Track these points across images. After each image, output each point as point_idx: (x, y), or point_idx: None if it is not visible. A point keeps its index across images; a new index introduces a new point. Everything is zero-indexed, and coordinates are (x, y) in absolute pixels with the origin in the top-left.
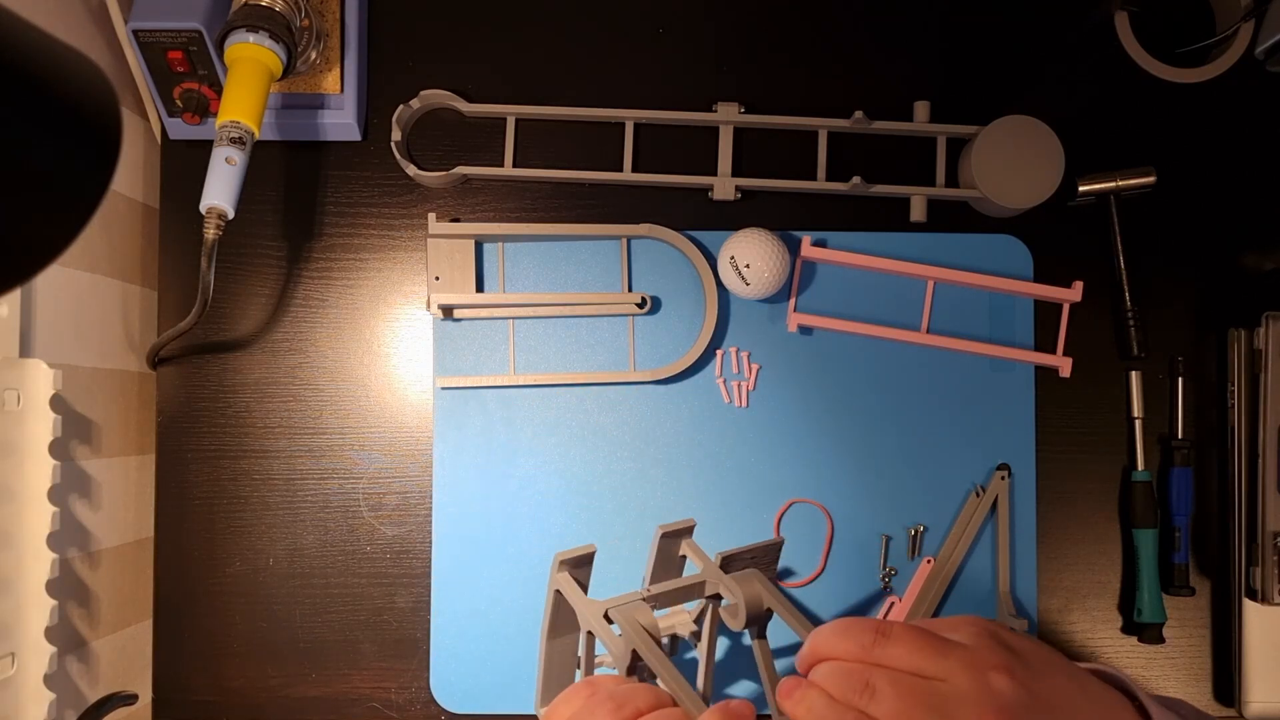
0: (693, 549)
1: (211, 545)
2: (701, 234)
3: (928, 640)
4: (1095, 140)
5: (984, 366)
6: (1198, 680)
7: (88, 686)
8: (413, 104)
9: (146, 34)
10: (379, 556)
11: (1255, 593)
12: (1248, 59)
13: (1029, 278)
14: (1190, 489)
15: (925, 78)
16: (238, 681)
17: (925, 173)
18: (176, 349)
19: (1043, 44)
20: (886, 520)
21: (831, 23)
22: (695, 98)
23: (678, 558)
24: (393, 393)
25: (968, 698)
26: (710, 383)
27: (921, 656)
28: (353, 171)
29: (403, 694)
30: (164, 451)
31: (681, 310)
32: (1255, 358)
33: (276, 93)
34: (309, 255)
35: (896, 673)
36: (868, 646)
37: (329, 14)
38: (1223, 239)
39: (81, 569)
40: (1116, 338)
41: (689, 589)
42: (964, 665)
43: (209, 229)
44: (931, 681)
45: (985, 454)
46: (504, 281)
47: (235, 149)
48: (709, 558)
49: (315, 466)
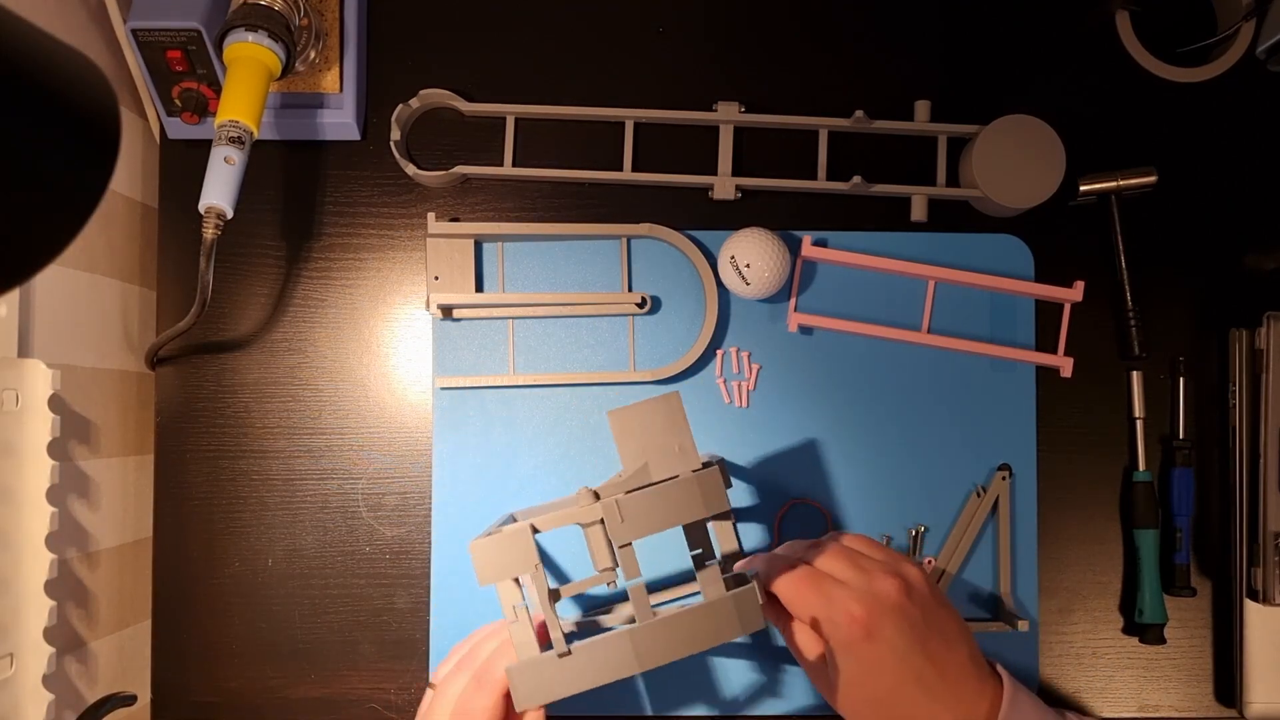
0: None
1: (210, 546)
2: (701, 234)
3: (847, 553)
4: (1096, 140)
5: (985, 366)
6: (1199, 681)
7: (86, 687)
8: (412, 103)
9: (145, 33)
10: (378, 557)
11: (1256, 593)
12: (1249, 59)
13: (1030, 277)
14: (1191, 489)
15: (926, 77)
16: (237, 682)
17: (926, 172)
18: (175, 349)
19: (1043, 44)
20: (887, 520)
21: (832, 22)
22: (695, 97)
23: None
24: (392, 393)
25: (851, 584)
26: (710, 383)
27: (834, 558)
28: (352, 171)
29: (402, 695)
30: (163, 452)
31: (681, 310)
32: (1256, 358)
33: (275, 92)
34: (308, 255)
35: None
36: (800, 549)
37: (328, 13)
38: (1224, 239)
39: (80, 569)
40: (1118, 338)
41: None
42: (861, 569)
43: (208, 228)
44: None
45: (986, 454)
46: (503, 281)
47: (234, 148)
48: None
49: (314, 467)
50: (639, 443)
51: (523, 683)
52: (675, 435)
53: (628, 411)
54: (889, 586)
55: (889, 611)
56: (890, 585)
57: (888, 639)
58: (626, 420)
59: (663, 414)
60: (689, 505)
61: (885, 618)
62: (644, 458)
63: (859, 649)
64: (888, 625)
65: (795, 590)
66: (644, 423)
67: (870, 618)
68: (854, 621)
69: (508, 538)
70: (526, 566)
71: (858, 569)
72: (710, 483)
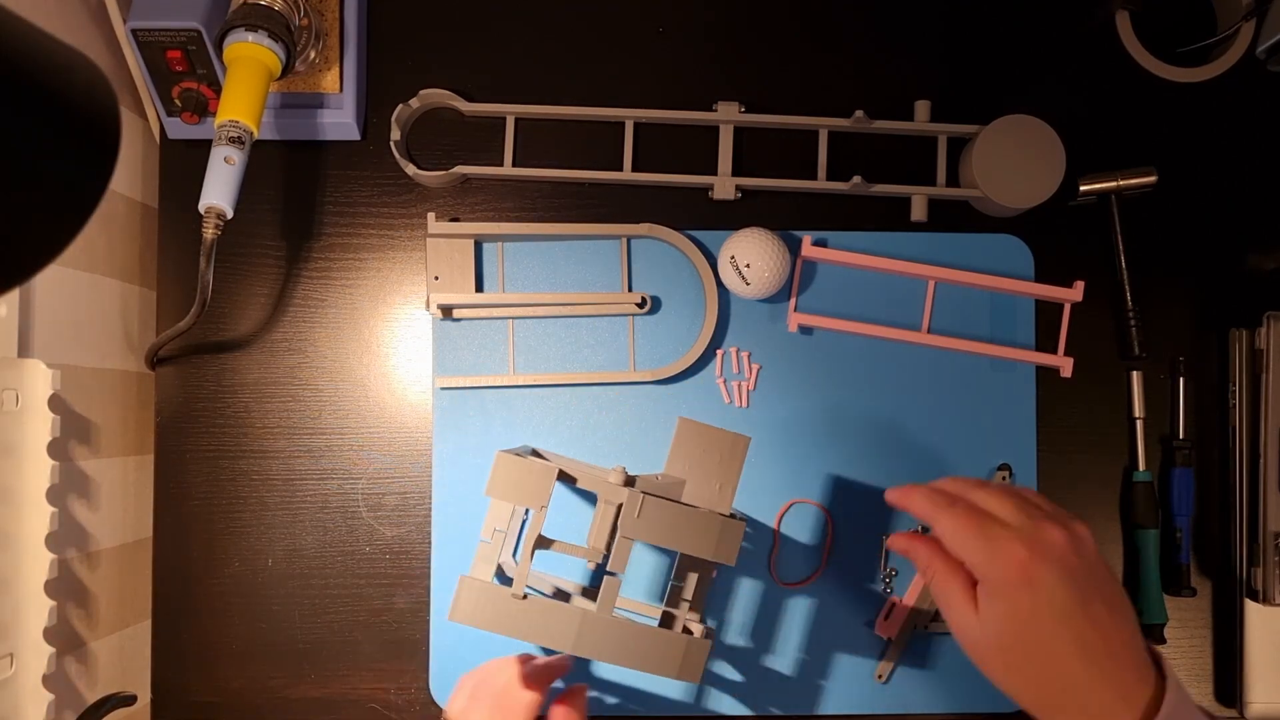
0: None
1: (210, 546)
2: (701, 234)
3: (1015, 497)
4: (1096, 140)
5: (985, 366)
6: (1199, 680)
7: (86, 687)
8: (412, 103)
9: (145, 33)
10: (378, 557)
11: (1256, 593)
12: (1249, 59)
13: (1030, 277)
14: (1191, 489)
15: (926, 77)
16: (237, 682)
17: (926, 172)
18: (175, 349)
19: (1043, 44)
20: (887, 520)
21: (832, 22)
22: (695, 97)
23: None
24: (392, 393)
25: (1016, 527)
26: (710, 383)
27: (1001, 500)
28: (352, 171)
29: (402, 695)
30: (163, 452)
31: (681, 310)
32: (1256, 358)
33: (275, 92)
34: (308, 255)
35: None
36: (962, 484)
37: (328, 13)
38: (1224, 239)
39: (80, 569)
40: (1118, 337)
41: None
42: (1029, 515)
43: (208, 228)
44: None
45: (986, 454)
46: (503, 281)
47: (234, 148)
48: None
49: (314, 467)
50: (690, 460)
51: (468, 599)
52: (723, 475)
53: (697, 428)
54: (1056, 536)
55: (1053, 561)
56: (1058, 535)
57: (1048, 590)
58: (692, 434)
59: (726, 449)
60: (703, 541)
61: (1048, 567)
62: (686, 476)
63: (1016, 595)
64: (1050, 575)
65: (956, 526)
66: (705, 446)
67: (1032, 563)
68: (1015, 565)
69: (534, 467)
70: (536, 502)
71: (1025, 514)
72: (731, 534)
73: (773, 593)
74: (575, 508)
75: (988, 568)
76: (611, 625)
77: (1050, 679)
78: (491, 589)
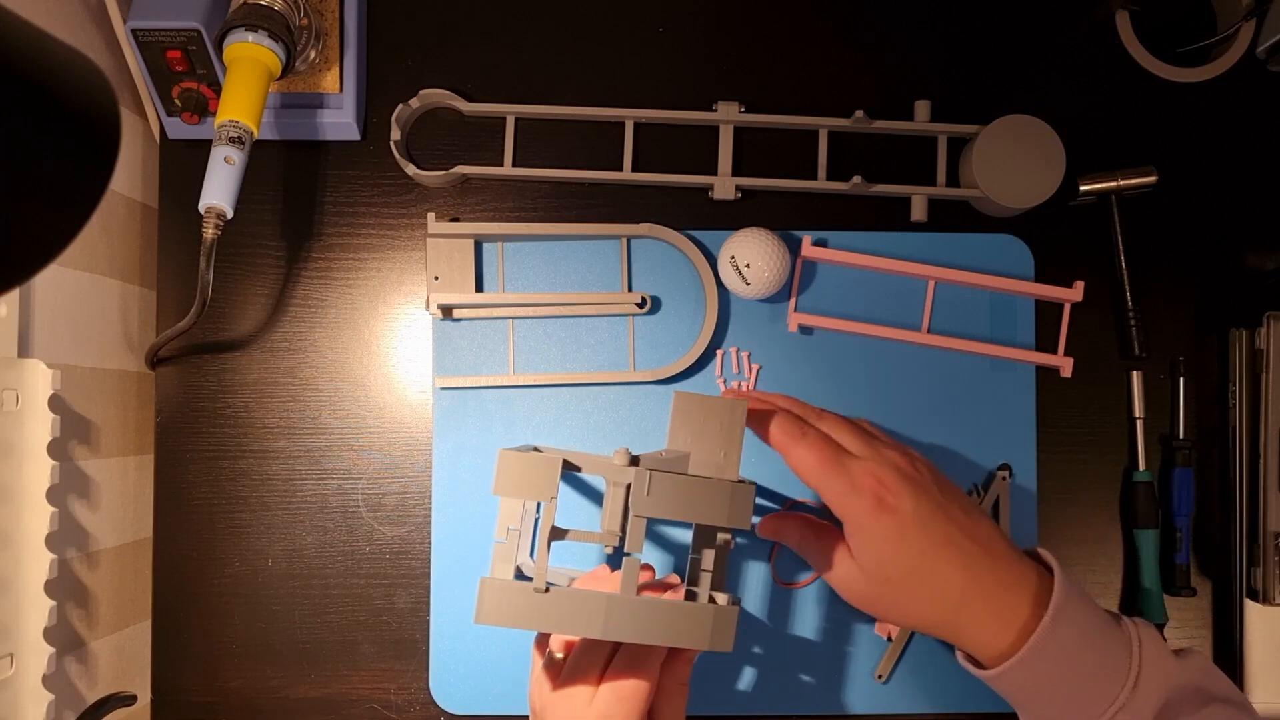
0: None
1: (210, 546)
2: (701, 234)
3: (853, 426)
4: (1096, 140)
5: (984, 366)
6: None
7: (86, 687)
8: (412, 103)
9: (145, 33)
10: (378, 557)
11: (1256, 593)
12: (1249, 58)
13: (1030, 277)
14: (1191, 489)
15: (926, 77)
16: (237, 682)
17: (926, 172)
18: (175, 349)
19: (1043, 44)
20: None
21: (832, 22)
22: (695, 97)
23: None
24: (392, 393)
25: (862, 455)
26: (710, 383)
27: (842, 430)
28: (352, 171)
29: (402, 695)
30: (163, 452)
31: (681, 310)
32: (1257, 358)
33: (275, 92)
34: (308, 255)
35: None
36: (803, 408)
37: (328, 13)
38: (1224, 239)
39: (80, 569)
40: (1118, 338)
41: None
42: (868, 442)
43: (208, 229)
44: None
45: (986, 454)
46: (503, 281)
47: (234, 148)
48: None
49: (314, 467)
50: (691, 432)
51: (491, 599)
52: (726, 442)
53: (693, 399)
54: (897, 458)
55: (903, 480)
56: (898, 456)
57: (907, 505)
58: (689, 407)
59: (725, 417)
60: (716, 509)
61: (900, 485)
62: (689, 449)
63: (880, 519)
64: (904, 491)
65: (813, 459)
66: (704, 416)
67: (885, 485)
68: (870, 490)
69: (537, 461)
70: (544, 494)
71: (864, 441)
72: (743, 497)
73: (773, 593)
74: (583, 504)
75: (847, 499)
76: (638, 605)
77: (937, 587)
78: (514, 587)
